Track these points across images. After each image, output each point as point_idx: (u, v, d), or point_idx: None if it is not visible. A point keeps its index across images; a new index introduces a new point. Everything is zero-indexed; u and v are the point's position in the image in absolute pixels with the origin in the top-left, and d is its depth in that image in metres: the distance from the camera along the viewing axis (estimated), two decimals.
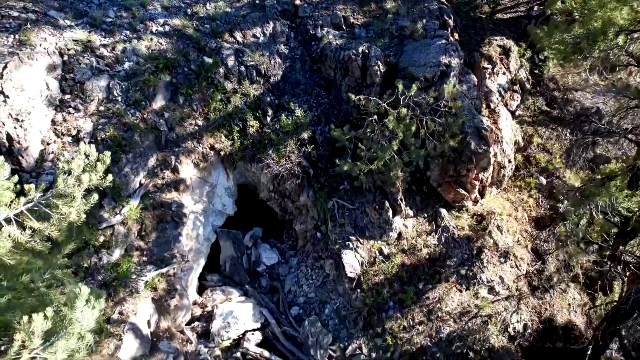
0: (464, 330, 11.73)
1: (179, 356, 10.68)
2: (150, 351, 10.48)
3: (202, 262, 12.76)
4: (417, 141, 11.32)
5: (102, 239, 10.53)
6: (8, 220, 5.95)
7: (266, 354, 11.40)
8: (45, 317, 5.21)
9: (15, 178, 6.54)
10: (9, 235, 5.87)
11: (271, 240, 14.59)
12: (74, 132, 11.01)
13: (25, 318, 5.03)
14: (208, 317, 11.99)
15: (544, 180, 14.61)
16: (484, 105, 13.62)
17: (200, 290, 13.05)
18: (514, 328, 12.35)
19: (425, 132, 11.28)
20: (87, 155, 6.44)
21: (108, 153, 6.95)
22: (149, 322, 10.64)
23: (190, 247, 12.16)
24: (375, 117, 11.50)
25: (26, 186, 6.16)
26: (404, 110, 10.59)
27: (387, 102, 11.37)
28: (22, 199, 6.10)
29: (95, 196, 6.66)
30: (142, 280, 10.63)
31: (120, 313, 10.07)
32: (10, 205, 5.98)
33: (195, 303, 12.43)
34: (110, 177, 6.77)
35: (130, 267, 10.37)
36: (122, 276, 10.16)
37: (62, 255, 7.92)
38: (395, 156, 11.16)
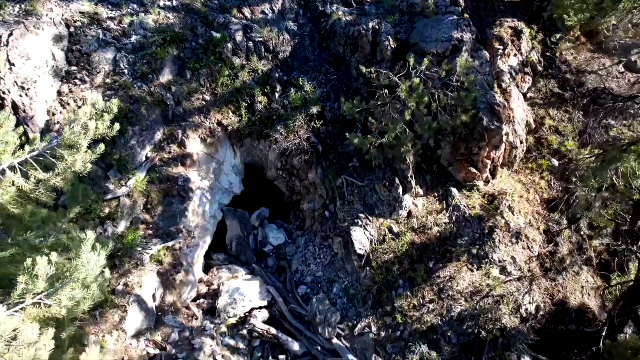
0: (475, 309, 11.46)
1: (184, 331, 10.46)
2: (155, 325, 10.29)
3: (208, 239, 12.56)
4: (429, 117, 11.06)
5: (107, 210, 10.35)
6: (12, 168, 5.76)
7: (273, 331, 11.16)
8: (50, 261, 5.02)
9: (21, 129, 6.36)
10: (13, 183, 5.68)
11: (278, 221, 14.36)
12: (80, 103, 10.83)
13: (29, 260, 4.83)
14: (214, 294, 11.77)
15: (556, 162, 14.33)
16: (495, 85, 13.37)
17: (206, 269, 12.85)
18: (526, 309, 12.07)
19: (437, 106, 11.04)
20: (94, 105, 6.25)
21: (115, 101, 6.75)
22: (154, 296, 10.44)
23: (197, 223, 11.96)
24: (386, 90, 11.27)
25: (31, 135, 5.97)
26: (416, 80, 10.36)
27: (398, 76, 11.14)
28: (27, 148, 5.92)
29: (102, 146, 6.48)
30: (148, 253, 10.44)
31: (125, 285, 9.87)
32: (14, 153, 5.79)
33: (200, 281, 12.23)
34: (117, 125, 6.57)
35: (135, 238, 10.18)
36: (127, 247, 9.96)
37: (67, 220, 7.74)
38: (407, 129, 10.92)
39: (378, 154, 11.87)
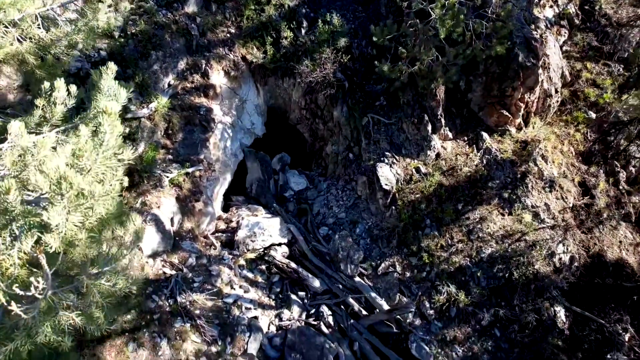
0: (506, 252, 10.82)
1: (201, 257, 10.11)
2: (172, 249, 9.95)
3: (229, 177, 12.21)
4: (462, 45, 10.53)
5: (127, 130, 10.07)
6: (33, 17, 5.47)
7: (293, 265, 10.71)
8: (69, 92, 4.69)
9: None
10: (32, 35, 5.39)
11: (299, 169, 13.95)
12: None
13: (47, 84, 4.50)
14: (233, 231, 11.39)
15: (593, 115, 13.60)
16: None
17: (225, 209, 12.49)
18: (560, 259, 11.37)
19: (471, 35, 10.50)
20: None
21: None
22: (172, 220, 10.12)
23: (217, 157, 11.63)
24: (418, 20, 10.79)
25: None
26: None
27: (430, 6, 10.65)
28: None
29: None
30: (167, 176, 10.13)
31: (143, 203, 9.56)
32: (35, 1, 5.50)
33: (219, 218, 11.88)
34: None
35: (154, 156, 9.87)
36: (146, 165, 9.66)
37: None
38: (439, 56, 10.41)
39: (407, 89, 11.39)
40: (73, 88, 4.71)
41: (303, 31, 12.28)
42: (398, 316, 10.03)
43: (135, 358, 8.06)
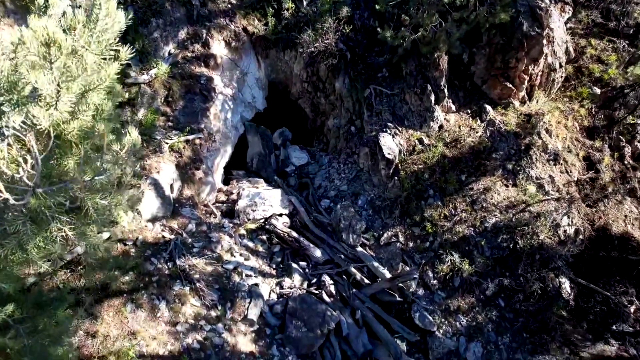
0: (511, 222, 10.67)
1: (201, 224, 9.96)
2: (172, 215, 9.81)
3: (229, 149, 12.07)
4: (466, 10, 10.40)
5: (127, 95, 9.95)
6: None
7: (294, 234, 10.56)
8: None
9: None
10: None
11: (300, 145, 13.81)
12: None
13: None
14: (233, 203, 11.24)
15: (598, 90, 13.44)
16: None
17: (226, 184, 12.34)
18: (565, 231, 11.22)
19: (475, 1, 10.37)
20: None
21: None
22: (171, 187, 9.98)
23: (218, 128, 11.49)
24: None
25: None
26: None
27: None
28: None
29: None
30: (167, 142, 9.99)
31: (143, 168, 9.42)
32: None
33: (220, 190, 11.73)
34: None
35: (154, 120, 9.74)
36: (146, 128, 9.52)
37: None
38: (442, 22, 10.28)
39: (409, 59, 11.26)
40: None
41: (305, 2, 12.14)
42: (401, 284, 9.87)
43: (133, 318, 7.91)
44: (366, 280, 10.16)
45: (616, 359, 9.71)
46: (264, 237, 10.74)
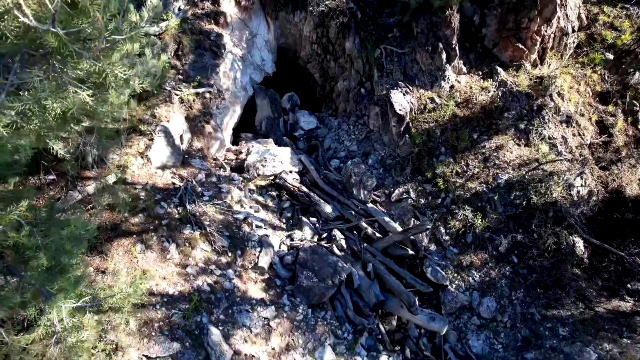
0: (524, 179, 10.52)
1: (211, 175, 9.85)
2: (182, 164, 9.71)
3: (238, 110, 11.98)
4: None
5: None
6: None
7: (304, 189, 10.44)
8: None
9: None
10: None
11: (309, 111, 13.71)
12: None
13: None
14: (242, 161, 11.13)
15: (610, 56, 13.30)
16: None
17: (235, 145, 12.24)
18: (578, 192, 11.06)
19: None
20: None
21: None
22: (181, 138, 9.88)
23: (227, 86, 11.40)
24: None
25: None
26: None
27: None
28: None
29: None
30: (177, 93, 9.90)
31: (153, 115, 9.32)
32: None
33: (229, 150, 11.63)
34: None
35: (166, 66, 9.63)
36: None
37: None
38: None
39: (420, 17, 11.15)
40: None
41: None
42: (413, 237, 9.73)
43: (143, 259, 7.79)
44: (377, 235, 10.02)
45: (632, 314, 9.52)
46: (274, 193, 10.61)
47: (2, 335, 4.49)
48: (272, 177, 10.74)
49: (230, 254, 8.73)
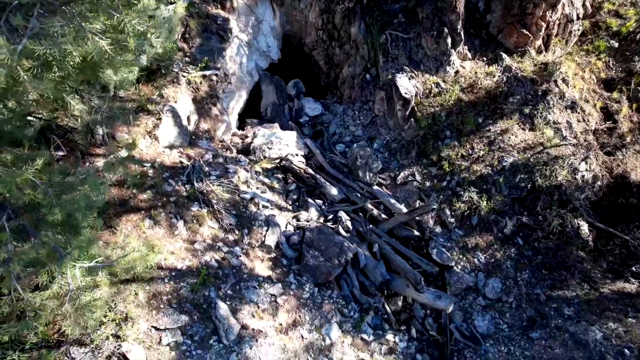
0: (529, 161, 10.56)
1: (218, 156, 9.91)
2: (189, 145, 9.77)
3: (244, 95, 12.05)
4: None
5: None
6: None
7: (310, 171, 10.50)
8: None
9: None
10: None
11: (314, 98, 13.76)
12: None
13: None
14: (248, 145, 11.19)
15: (615, 44, 13.34)
16: None
17: (241, 130, 12.30)
18: (583, 176, 11.09)
19: None
20: None
21: None
22: (188, 119, 9.95)
23: (234, 71, 11.47)
24: None
25: None
26: None
27: None
28: None
29: None
30: (184, 75, 9.97)
31: (161, 96, 9.39)
32: None
33: (235, 135, 11.69)
34: None
35: (173, 48, 9.70)
36: (164, 56, 9.48)
37: None
38: None
39: (426, 3, 11.20)
40: None
41: None
42: (419, 217, 9.77)
43: (151, 234, 7.85)
44: (383, 216, 10.07)
45: (637, 295, 9.55)
46: (280, 176, 10.68)
47: (18, 292, 4.56)
48: (278, 160, 10.80)
49: (237, 232, 8.79)
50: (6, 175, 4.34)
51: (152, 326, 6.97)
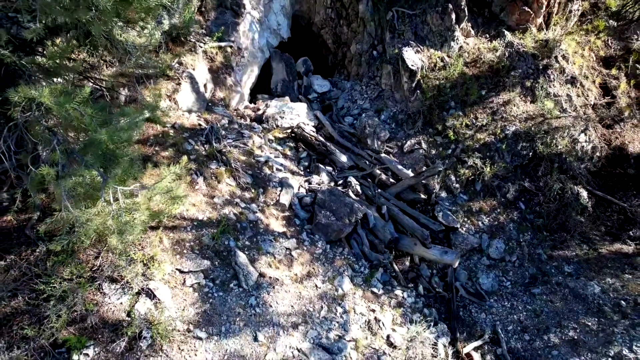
0: (530, 130, 11.01)
1: (233, 122, 10.35)
2: (206, 111, 10.21)
3: (256, 70, 12.50)
4: None
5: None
6: None
7: (321, 138, 10.93)
8: None
9: None
10: None
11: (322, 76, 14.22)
12: None
13: None
14: (261, 115, 11.63)
15: (614, 23, 13.81)
16: None
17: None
18: (582, 147, 11.55)
19: None
20: None
21: None
22: (205, 87, 10.39)
23: (246, 45, 11.93)
24: None
25: None
26: None
27: None
28: None
29: None
30: (201, 45, 10.42)
31: (180, 63, 9.84)
32: None
33: (247, 107, 12.13)
34: None
35: (192, 17, 10.15)
36: (183, 24, 9.93)
37: None
38: None
39: None
40: None
41: None
42: (425, 181, 10.21)
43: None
44: (391, 180, 10.50)
45: (634, 255, 9.99)
46: (292, 144, 11.11)
47: (68, 209, 4.99)
48: (289, 130, 11.24)
49: (253, 191, 9.23)
50: (57, 101, 4.80)
51: (176, 269, 7.39)
